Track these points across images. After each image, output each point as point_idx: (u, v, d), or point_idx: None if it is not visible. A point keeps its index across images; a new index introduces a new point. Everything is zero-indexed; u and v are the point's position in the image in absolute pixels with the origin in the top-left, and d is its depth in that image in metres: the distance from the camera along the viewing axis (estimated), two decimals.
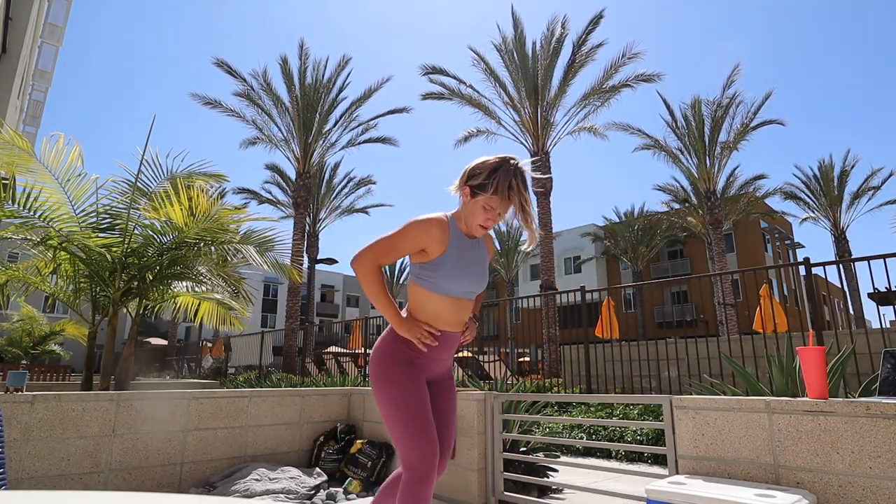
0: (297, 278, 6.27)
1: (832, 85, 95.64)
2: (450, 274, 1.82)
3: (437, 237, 1.81)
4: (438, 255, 1.82)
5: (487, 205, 1.80)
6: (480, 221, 1.83)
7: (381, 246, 1.80)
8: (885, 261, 4.95)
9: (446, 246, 1.82)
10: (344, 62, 18.61)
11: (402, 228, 1.81)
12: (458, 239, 1.87)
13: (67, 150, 4.87)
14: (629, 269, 34.77)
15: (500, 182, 1.77)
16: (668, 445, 2.60)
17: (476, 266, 1.91)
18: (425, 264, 1.84)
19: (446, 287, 1.84)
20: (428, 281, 1.84)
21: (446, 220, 1.86)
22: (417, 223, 1.81)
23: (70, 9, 24.14)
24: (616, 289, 12.78)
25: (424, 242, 1.81)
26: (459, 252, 1.85)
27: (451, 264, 1.82)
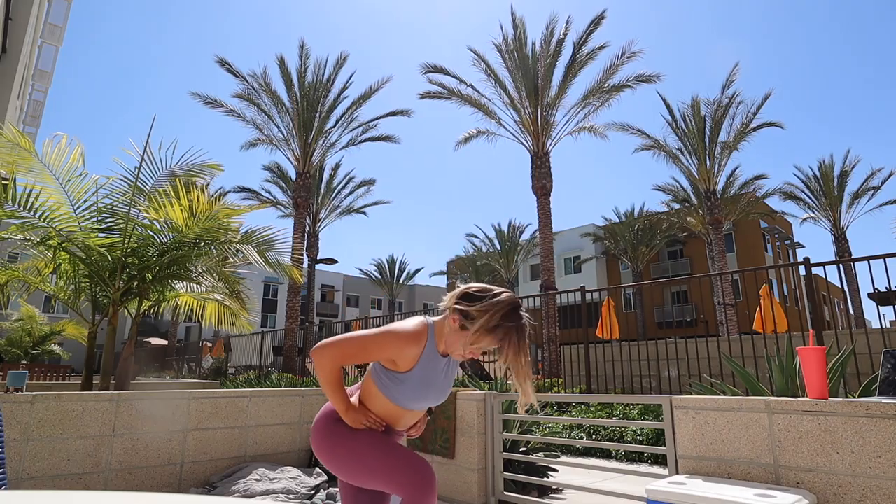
0: (298, 278, 6.27)
1: (832, 85, 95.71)
2: (408, 393, 1.78)
3: (409, 356, 1.75)
4: (405, 370, 1.76)
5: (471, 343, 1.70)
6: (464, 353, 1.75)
7: (349, 346, 1.74)
8: (885, 261, 4.95)
9: (414, 365, 1.76)
10: (343, 61, 18.61)
11: (378, 336, 1.75)
12: (430, 358, 1.79)
13: (69, 151, 4.87)
14: (629, 269, 34.77)
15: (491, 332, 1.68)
16: (668, 445, 2.60)
17: (439, 386, 1.84)
18: (389, 372, 1.79)
19: (401, 401, 1.79)
20: (386, 388, 1.79)
21: (425, 336, 1.77)
22: (395, 337, 1.74)
23: (70, 9, 24.14)
24: (616, 289, 12.78)
25: (395, 356, 1.75)
26: (426, 371, 1.78)
27: (414, 383, 1.77)
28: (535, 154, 16.03)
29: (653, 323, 33.74)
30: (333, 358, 1.73)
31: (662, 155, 20.12)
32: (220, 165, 5.51)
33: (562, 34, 15.80)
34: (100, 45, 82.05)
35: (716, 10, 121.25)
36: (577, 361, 9.12)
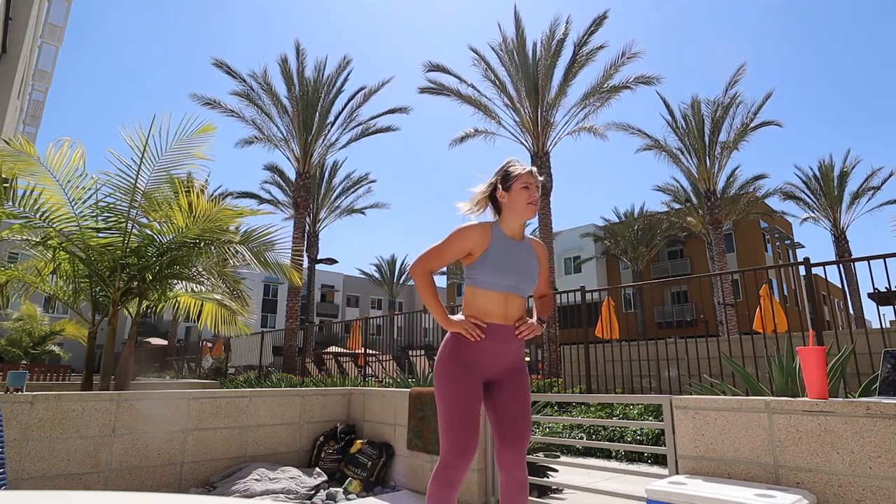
0: (297, 280, 6.27)
1: (832, 85, 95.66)
2: (491, 270, 2.00)
3: (478, 239, 2.02)
4: (480, 253, 2.02)
5: (523, 184, 2.06)
6: (526, 199, 2.05)
7: (429, 254, 2.04)
8: (885, 261, 4.95)
9: (487, 245, 2.03)
10: (344, 62, 18.62)
11: (449, 236, 2.04)
12: (501, 239, 2.06)
13: (70, 153, 4.89)
14: (629, 269, 34.76)
15: (516, 165, 2.12)
16: (668, 445, 2.60)
17: (520, 264, 2.06)
18: (471, 264, 2.04)
19: (489, 282, 2.01)
20: (473, 279, 2.04)
21: (489, 226, 2.07)
22: (459, 230, 2.03)
23: (70, 9, 24.13)
24: (616, 289, 12.79)
25: (468, 246, 2.02)
26: (502, 249, 2.04)
27: (492, 261, 2.01)
28: (534, 154, 16.02)
29: (653, 323, 33.73)
30: (420, 266, 2.04)
31: (662, 155, 20.12)
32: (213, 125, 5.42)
33: (562, 34, 15.80)
34: (100, 45, 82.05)
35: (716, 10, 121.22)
36: (577, 361, 9.12)
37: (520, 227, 2.11)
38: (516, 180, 2.07)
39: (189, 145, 5.36)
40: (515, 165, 2.12)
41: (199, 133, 5.35)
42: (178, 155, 5.35)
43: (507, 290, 2.03)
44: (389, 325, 22.17)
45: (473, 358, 2.01)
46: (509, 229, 2.09)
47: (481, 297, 2.02)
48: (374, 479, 3.91)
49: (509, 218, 2.09)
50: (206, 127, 5.36)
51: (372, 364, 13.01)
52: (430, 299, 2.02)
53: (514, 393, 2.09)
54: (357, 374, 11.91)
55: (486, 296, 2.02)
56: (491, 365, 2.05)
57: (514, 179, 2.07)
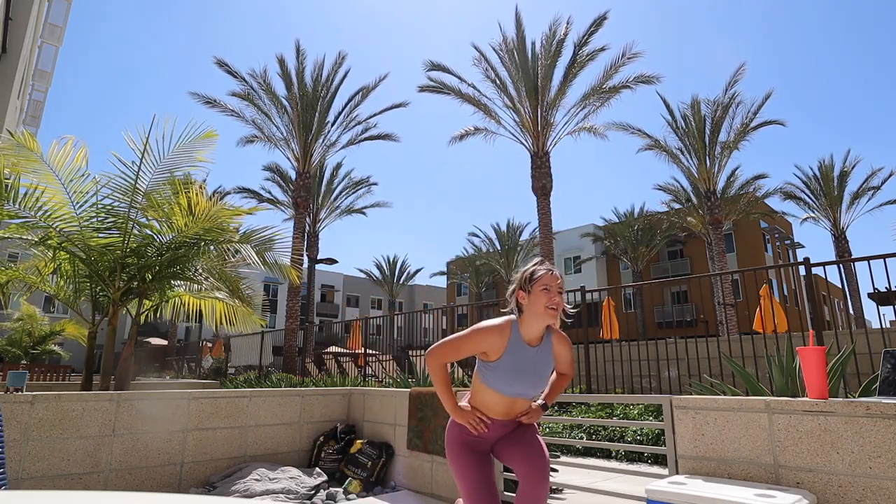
0: (295, 279, 6.26)
1: (832, 85, 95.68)
2: (502, 377, 2.06)
3: (496, 343, 2.06)
4: (496, 358, 2.07)
5: (542, 286, 2.07)
6: (546, 303, 2.05)
7: (445, 348, 2.11)
8: (885, 261, 4.95)
9: (503, 352, 2.06)
10: (342, 59, 18.61)
11: (467, 334, 2.10)
12: (517, 346, 2.09)
13: (73, 152, 4.88)
14: (629, 269, 34.75)
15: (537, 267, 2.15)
16: (668, 445, 2.60)
17: (531, 372, 2.10)
18: (486, 363, 2.10)
19: (498, 387, 2.08)
20: (484, 376, 2.10)
21: (508, 329, 2.09)
22: (479, 331, 2.08)
23: (70, 9, 24.13)
24: (616, 289, 12.78)
25: (484, 347, 2.07)
26: (515, 358, 2.07)
27: (505, 369, 2.06)
28: (534, 154, 16.02)
29: (653, 323, 33.73)
30: (436, 359, 2.12)
31: (662, 155, 20.12)
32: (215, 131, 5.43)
33: (562, 35, 15.79)
34: (100, 45, 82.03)
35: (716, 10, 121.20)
36: (577, 361, 9.12)
37: (539, 329, 2.11)
38: (537, 283, 2.08)
39: (191, 150, 5.38)
40: (538, 267, 2.14)
41: (202, 138, 5.36)
42: (180, 158, 5.36)
43: (514, 396, 2.10)
44: (389, 325, 22.13)
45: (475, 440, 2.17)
46: (527, 333, 2.10)
47: (488, 395, 2.11)
48: (374, 479, 3.91)
49: (528, 320, 2.09)
50: (209, 133, 5.38)
51: (372, 364, 13.01)
52: (443, 389, 2.12)
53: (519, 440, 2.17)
54: (357, 374, 11.91)
55: (493, 396, 2.11)
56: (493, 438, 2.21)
57: (535, 282, 2.08)
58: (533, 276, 2.09)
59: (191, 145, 5.33)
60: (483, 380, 2.11)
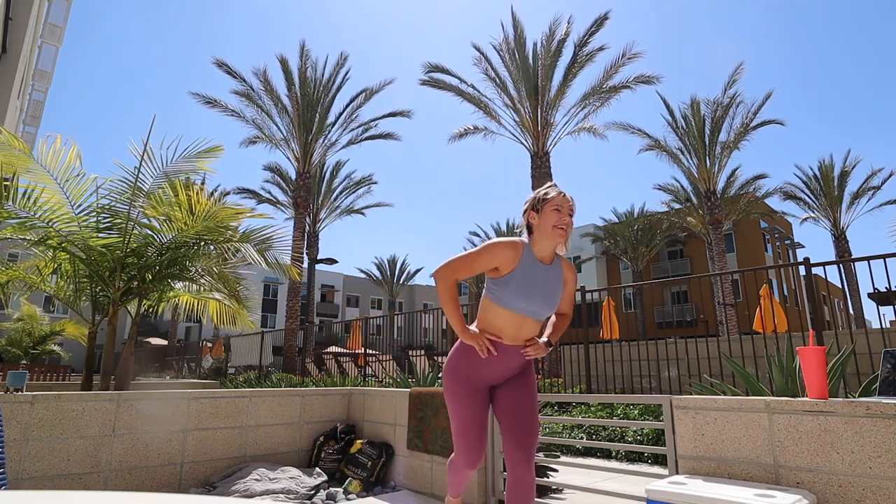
0: (295, 275, 6.26)
1: (832, 85, 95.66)
2: (515, 291, 2.01)
3: (509, 257, 2.02)
4: (507, 272, 2.02)
5: (553, 206, 2.06)
6: (554, 222, 2.05)
7: (458, 262, 2.05)
8: (885, 261, 4.95)
9: (516, 265, 2.02)
10: (343, 59, 18.62)
11: (480, 248, 2.05)
12: (530, 261, 2.06)
13: (65, 151, 4.86)
14: (629, 269, 34.77)
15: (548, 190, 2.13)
16: (668, 445, 2.60)
17: (544, 289, 2.07)
18: (495, 280, 2.05)
19: (510, 303, 2.02)
20: (495, 295, 2.05)
21: (521, 244, 2.07)
22: (493, 244, 2.04)
23: (70, 9, 24.11)
24: (616, 289, 12.78)
25: (497, 262, 2.02)
26: (528, 273, 2.04)
27: (518, 283, 2.02)
28: (535, 154, 16.03)
29: (653, 323, 33.73)
30: (447, 275, 2.04)
31: (662, 155, 20.14)
32: (220, 146, 5.45)
33: (563, 35, 15.81)
34: (100, 45, 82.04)
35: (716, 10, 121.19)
36: (577, 361, 9.12)
37: (550, 249, 2.10)
38: (548, 203, 2.08)
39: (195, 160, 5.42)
40: (550, 189, 2.13)
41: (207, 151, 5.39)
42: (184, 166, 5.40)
43: (526, 314, 2.06)
44: (389, 325, 22.16)
45: (480, 370, 2.10)
46: (539, 252, 2.09)
47: (498, 315, 2.06)
48: (374, 479, 3.91)
49: (539, 240, 2.09)
50: (215, 148, 5.41)
51: (372, 364, 13.01)
52: (451, 307, 2.04)
53: (518, 389, 2.15)
54: (357, 374, 11.90)
55: (503, 315, 2.05)
56: (497, 376, 2.15)
57: (547, 202, 2.08)
58: (545, 197, 2.09)
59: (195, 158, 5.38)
60: (494, 299, 2.06)
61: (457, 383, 2.09)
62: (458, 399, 2.08)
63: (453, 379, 2.11)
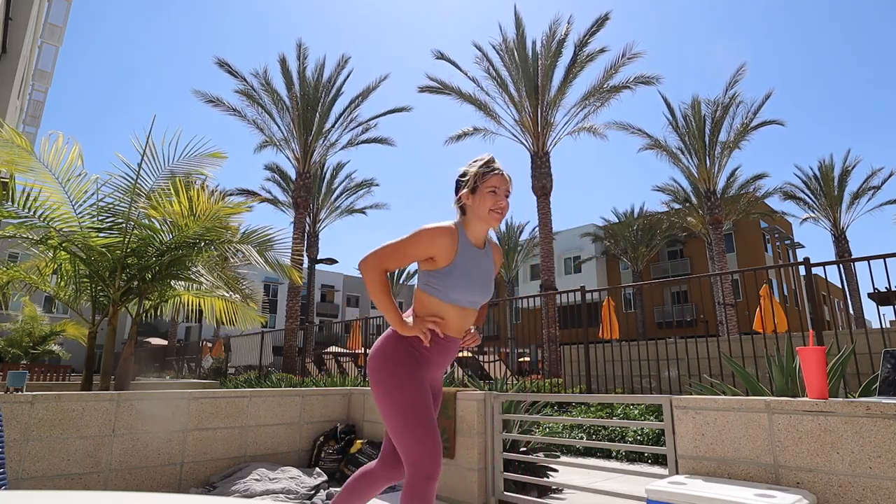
0: (297, 279, 6.26)
1: (832, 85, 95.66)
2: (457, 283, 1.84)
3: (447, 246, 1.83)
4: (446, 264, 1.84)
5: (489, 188, 1.86)
6: (491, 205, 1.86)
7: (389, 251, 1.83)
8: (885, 261, 4.95)
9: (455, 255, 1.84)
10: (344, 61, 18.63)
11: (412, 235, 1.83)
12: (467, 248, 1.89)
13: (67, 150, 4.86)
14: (629, 269, 34.76)
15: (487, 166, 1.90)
16: (668, 445, 2.60)
17: (483, 276, 1.92)
18: (433, 272, 1.86)
19: (453, 296, 1.85)
20: (435, 288, 1.86)
21: (455, 229, 1.87)
22: (427, 231, 1.82)
23: (70, 9, 24.12)
24: (616, 289, 12.78)
25: (433, 251, 1.83)
26: (467, 261, 1.87)
27: (459, 273, 1.84)
28: (534, 154, 16.03)
29: (653, 323, 33.73)
30: (377, 264, 1.83)
31: (662, 155, 20.14)
32: (224, 153, 5.44)
33: (563, 34, 15.81)
34: (100, 45, 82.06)
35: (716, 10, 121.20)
36: (577, 361, 9.12)
37: (484, 233, 1.94)
38: (485, 183, 1.86)
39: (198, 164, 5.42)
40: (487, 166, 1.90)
41: (209, 156, 5.39)
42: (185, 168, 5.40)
43: (468, 305, 1.91)
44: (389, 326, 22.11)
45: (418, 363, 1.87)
46: (473, 236, 1.91)
47: (441, 309, 1.87)
48: None
49: (472, 223, 1.90)
50: (217, 154, 5.41)
51: None
52: (385, 299, 1.82)
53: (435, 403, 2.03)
54: (357, 374, 11.90)
55: (446, 309, 1.87)
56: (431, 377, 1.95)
57: (483, 183, 1.86)
58: (482, 177, 1.87)
59: (197, 160, 5.37)
60: (433, 293, 1.85)
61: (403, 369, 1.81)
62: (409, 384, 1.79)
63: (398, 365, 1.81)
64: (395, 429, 1.78)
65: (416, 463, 1.74)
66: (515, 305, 33.07)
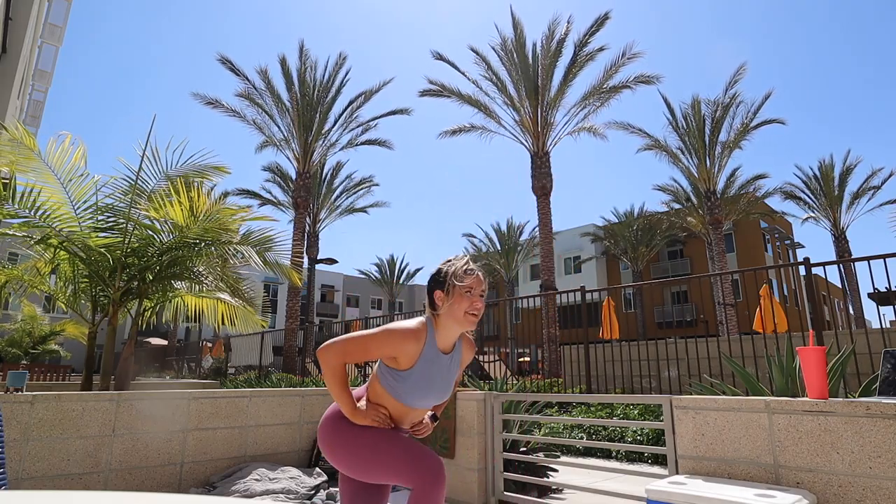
0: (296, 280, 6.26)
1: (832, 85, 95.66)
2: (412, 389, 1.85)
3: (410, 352, 1.83)
4: (406, 368, 1.84)
5: (465, 289, 1.84)
6: (467, 308, 1.84)
7: (351, 346, 1.83)
8: (885, 261, 4.95)
9: (416, 361, 1.84)
10: (341, 59, 18.62)
11: (379, 334, 1.83)
12: (431, 353, 1.88)
13: (72, 151, 4.87)
14: (629, 269, 34.76)
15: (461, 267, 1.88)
16: (668, 445, 2.60)
17: (441, 382, 1.92)
18: (392, 370, 1.86)
19: (406, 398, 1.86)
20: (391, 387, 1.86)
21: (424, 333, 1.87)
22: (393, 334, 1.82)
23: (70, 9, 24.13)
24: (616, 289, 12.78)
25: (396, 353, 1.83)
26: (428, 368, 1.87)
27: (416, 380, 1.84)
28: (534, 154, 16.02)
29: (653, 323, 33.73)
30: (337, 356, 1.82)
31: (662, 155, 20.14)
32: (227, 167, 5.48)
33: (562, 34, 15.80)
34: (100, 45, 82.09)
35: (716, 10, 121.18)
36: (577, 361, 9.12)
37: (456, 335, 1.93)
38: (458, 282, 1.84)
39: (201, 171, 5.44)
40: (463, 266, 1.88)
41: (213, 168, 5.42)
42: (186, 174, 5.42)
43: (421, 407, 1.92)
44: None
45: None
46: (442, 339, 1.90)
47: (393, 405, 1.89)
48: None
49: (445, 324, 1.88)
50: (221, 168, 5.44)
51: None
52: (340, 391, 1.83)
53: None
54: (357, 375, 11.89)
55: (398, 407, 1.89)
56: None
57: (457, 282, 1.85)
58: (456, 279, 1.85)
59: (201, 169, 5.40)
60: (388, 389, 1.87)
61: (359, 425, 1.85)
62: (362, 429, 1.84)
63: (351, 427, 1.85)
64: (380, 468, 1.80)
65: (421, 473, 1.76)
66: (515, 305, 33.08)
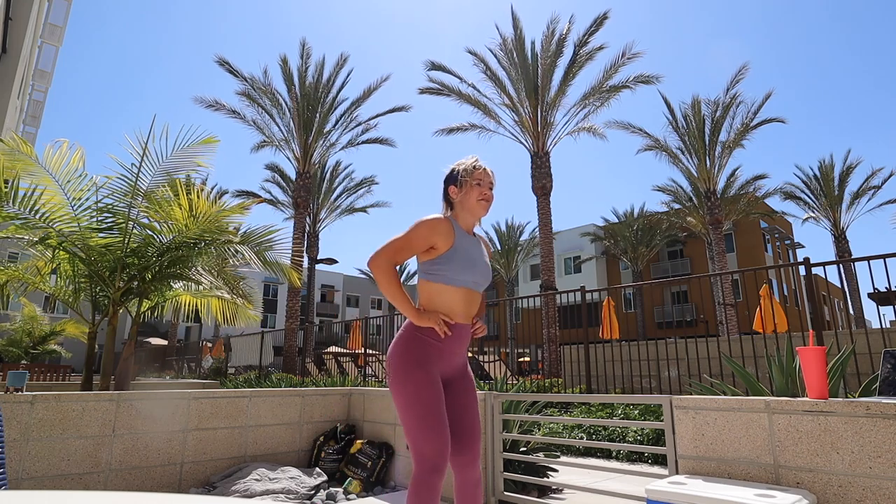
0: (296, 281, 6.26)
1: (832, 85, 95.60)
2: (460, 266, 2.00)
3: (446, 232, 1.99)
4: (447, 249, 1.99)
5: (475, 181, 2.09)
6: (477, 196, 2.08)
7: (395, 245, 1.96)
8: (885, 261, 4.95)
9: (453, 240, 2.00)
10: (343, 62, 18.62)
11: (414, 228, 1.98)
12: (463, 235, 2.06)
13: (69, 155, 4.88)
14: (629, 269, 34.77)
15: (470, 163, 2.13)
16: (668, 445, 2.60)
17: (481, 259, 2.09)
18: (434, 260, 2.01)
19: (457, 278, 2.00)
20: (438, 275, 2.00)
21: (449, 220, 2.05)
22: (427, 222, 1.98)
23: (70, 9, 24.12)
24: (616, 289, 12.78)
25: (434, 239, 1.98)
26: (465, 246, 2.03)
27: (460, 256, 2.00)
28: (534, 154, 16.02)
29: (653, 323, 33.73)
30: (386, 260, 1.95)
31: (662, 155, 20.13)
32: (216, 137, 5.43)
33: (562, 34, 15.79)
34: (100, 45, 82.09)
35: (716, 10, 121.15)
36: (577, 361, 9.12)
37: (472, 223, 2.14)
38: (469, 176, 2.09)
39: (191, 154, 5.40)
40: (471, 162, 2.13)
41: (201, 143, 5.37)
42: (180, 161, 5.39)
43: (472, 286, 2.05)
44: (389, 325, 22.15)
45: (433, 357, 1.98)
46: (464, 225, 2.11)
47: (447, 294, 2.00)
48: (374, 479, 3.91)
49: (461, 214, 2.10)
50: (209, 139, 5.39)
51: (372, 364, 13.02)
52: (398, 293, 1.94)
53: (465, 394, 2.13)
54: (357, 374, 11.91)
55: (451, 293, 2.00)
56: (446, 365, 2.05)
57: (467, 176, 2.09)
58: (467, 172, 2.10)
59: (191, 150, 5.35)
60: (438, 279, 1.99)
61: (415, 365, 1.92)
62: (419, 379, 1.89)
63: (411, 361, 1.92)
64: (406, 422, 1.90)
65: (423, 455, 1.85)
66: (515, 305, 33.08)
